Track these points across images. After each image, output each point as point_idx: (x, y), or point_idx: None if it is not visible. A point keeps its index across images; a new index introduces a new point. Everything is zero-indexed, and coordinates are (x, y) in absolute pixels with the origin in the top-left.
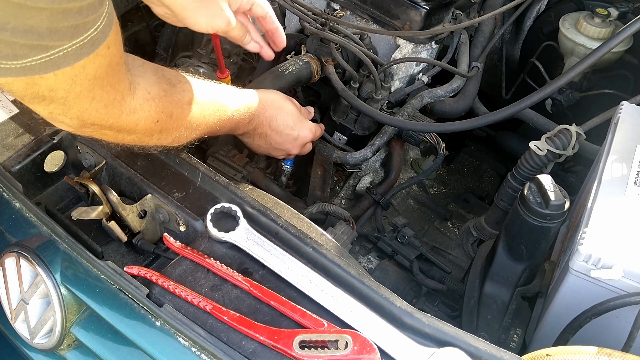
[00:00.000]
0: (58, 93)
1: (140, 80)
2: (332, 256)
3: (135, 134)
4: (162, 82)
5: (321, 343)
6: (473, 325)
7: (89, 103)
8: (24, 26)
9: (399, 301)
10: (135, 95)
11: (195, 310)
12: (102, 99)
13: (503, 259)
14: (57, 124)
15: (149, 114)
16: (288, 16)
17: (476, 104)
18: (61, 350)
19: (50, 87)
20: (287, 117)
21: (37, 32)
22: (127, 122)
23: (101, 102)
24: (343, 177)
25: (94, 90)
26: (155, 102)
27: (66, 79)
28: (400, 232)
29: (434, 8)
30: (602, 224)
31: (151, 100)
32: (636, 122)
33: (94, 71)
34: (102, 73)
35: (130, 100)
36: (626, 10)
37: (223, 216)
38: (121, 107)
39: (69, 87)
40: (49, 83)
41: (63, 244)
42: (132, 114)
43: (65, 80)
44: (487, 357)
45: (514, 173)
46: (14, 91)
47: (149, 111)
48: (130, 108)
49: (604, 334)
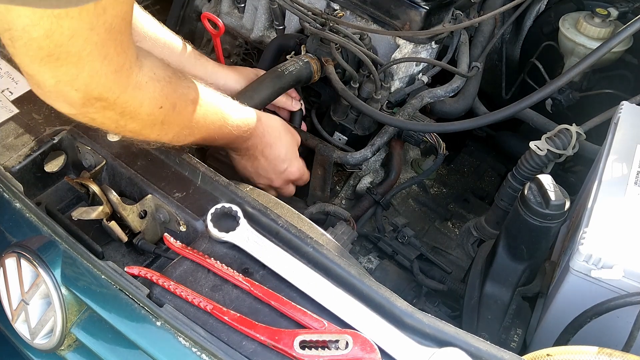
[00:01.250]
0: (76, 42)
1: (146, 60)
2: (333, 256)
3: (138, 119)
4: (168, 70)
5: (322, 343)
6: (473, 325)
7: (101, 63)
8: None
9: (400, 301)
10: (141, 69)
11: (195, 310)
12: (113, 60)
13: (503, 259)
14: (59, 104)
15: (154, 95)
16: (288, 16)
17: (476, 104)
18: (62, 350)
19: (72, 32)
20: (282, 148)
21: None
22: (133, 98)
23: (112, 65)
24: (343, 177)
25: (108, 44)
26: (160, 84)
27: (87, 21)
28: (400, 232)
29: (434, 8)
30: (602, 224)
31: (157, 81)
32: (636, 122)
33: (111, 17)
34: (117, 25)
35: (137, 73)
36: (626, 10)
37: (223, 216)
38: (129, 77)
39: (87, 36)
40: (72, 25)
41: (63, 244)
42: (138, 90)
43: (87, 22)
44: (488, 357)
45: (514, 173)
46: (34, 39)
47: (154, 92)
48: (136, 82)
49: (604, 334)
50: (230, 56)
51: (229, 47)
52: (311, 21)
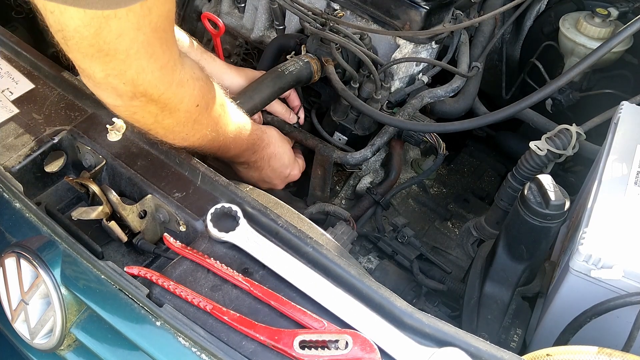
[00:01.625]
0: (124, 41)
1: (186, 59)
2: (333, 256)
3: (176, 115)
4: (203, 71)
5: (321, 343)
6: (473, 325)
7: (147, 61)
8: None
9: (399, 301)
10: (184, 67)
11: (195, 310)
12: (159, 57)
13: (503, 259)
14: (107, 94)
15: (193, 92)
16: (288, 16)
17: (476, 104)
18: (61, 350)
19: (120, 32)
20: (284, 155)
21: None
22: (175, 95)
23: (158, 61)
24: (343, 177)
25: (154, 43)
26: (199, 83)
27: (134, 21)
28: (400, 232)
29: (434, 8)
30: (602, 224)
31: (196, 80)
32: (636, 122)
33: (156, 17)
34: (162, 23)
35: (180, 70)
36: (626, 10)
37: (223, 216)
38: (172, 74)
39: (134, 35)
40: (120, 25)
41: (63, 244)
42: (180, 87)
43: (134, 22)
44: (488, 357)
45: (514, 173)
46: (84, 37)
47: (193, 89)
48: (179, 79)
49: (604, 334)
50: (230, 56)
51: (229, 47)
52: (311, 21)
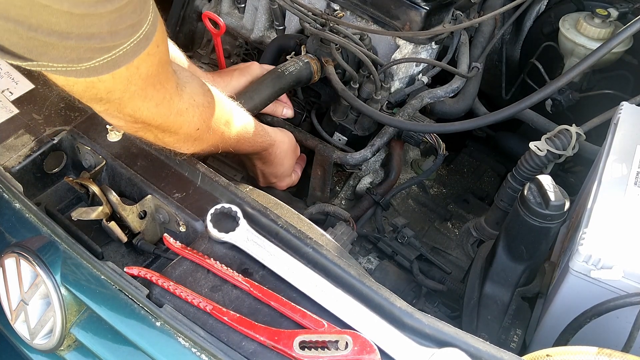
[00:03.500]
0: (115, 94)
1: (187, 86)
2: (332, 257)
3: (177, 136)
4: (207, 95)
5: (321, 343)
6: (473, 325)
7: (142, 102)
8: (86, 34)
9: (399, 302)
10: (182, 97)
11: (195, 310)
12: (154, 97)
13: (503, 259)
14: (110, 119)
15: (193, 119)
16: (288, 16)
17: (476, 104)
18: (61, 350)
19: (108, 89)
20: (290, 161)
21: (99, 37)
22: (174, 123)
23: (152, 100)
24: (343, 178)
25: (147, 89)
26: (199, 110)
27: (122, 79)
28: (400, 232)
29: (434, 8)
30: (602, 225)
31: (196, 107)
32: (636, 122)
33: (146, 69)
34: (154, 71)
35: (177, 101)
36: (626, 11)
37: (223, 217)
38: (170, 106)
39: (125, 87)
40: (107, 85)
41: (63, 244)
42: (179, 116)
43: (122, 81)
44: (487, 357)
45: (514, 173)
46: (74, 92)
47: (193, 116)
48: (177, 109)
49: (604, 335)
50: (230, 56)
51: (229, 47)
52: (311, 21)
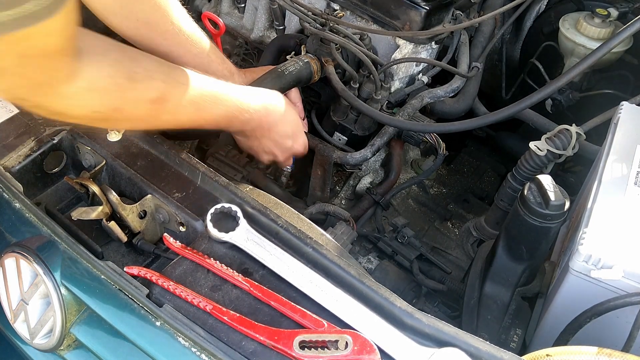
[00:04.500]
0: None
1: (88, 70)
2: (332, 256)
3: (69, 118)
4: (118, 77)
5: (321, 343)
6: (473, 325)
7: (18, 79)
8: None
9: (399, 301)
10: (72, 84)
11: (195, 310)
12: (31, 78)
13: (503, 259)
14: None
15: (85, 103)
16: (288, 16)
17: (476, 104)
18: (61, 350)
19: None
20: (287, 125)
21: None
22: (57, 105)
23: (30, 80)
24: (343, 178)
25: (24, 67)
26: (98, 94)
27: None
28: (400, 232)
29: (434, 8)
30: (602, 224)
31: (93, 91)
32: (636, 122)
33: (24, 50)
34: (35, 53)
35: (64, 87)
36: (626, 11)
37: (223, 216)
38: (51, 89)
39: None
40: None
41: (63, 244)
42: (63, 99)
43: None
44: (487, 357)
45: (514, 173)
46: None
47: (85, 100)
48: (61, 94)
49: (604, 334)
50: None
51: (229, 47)
52: (311, 21)
